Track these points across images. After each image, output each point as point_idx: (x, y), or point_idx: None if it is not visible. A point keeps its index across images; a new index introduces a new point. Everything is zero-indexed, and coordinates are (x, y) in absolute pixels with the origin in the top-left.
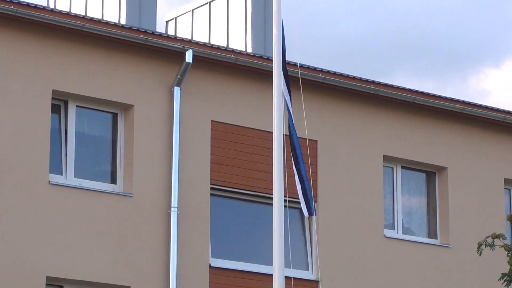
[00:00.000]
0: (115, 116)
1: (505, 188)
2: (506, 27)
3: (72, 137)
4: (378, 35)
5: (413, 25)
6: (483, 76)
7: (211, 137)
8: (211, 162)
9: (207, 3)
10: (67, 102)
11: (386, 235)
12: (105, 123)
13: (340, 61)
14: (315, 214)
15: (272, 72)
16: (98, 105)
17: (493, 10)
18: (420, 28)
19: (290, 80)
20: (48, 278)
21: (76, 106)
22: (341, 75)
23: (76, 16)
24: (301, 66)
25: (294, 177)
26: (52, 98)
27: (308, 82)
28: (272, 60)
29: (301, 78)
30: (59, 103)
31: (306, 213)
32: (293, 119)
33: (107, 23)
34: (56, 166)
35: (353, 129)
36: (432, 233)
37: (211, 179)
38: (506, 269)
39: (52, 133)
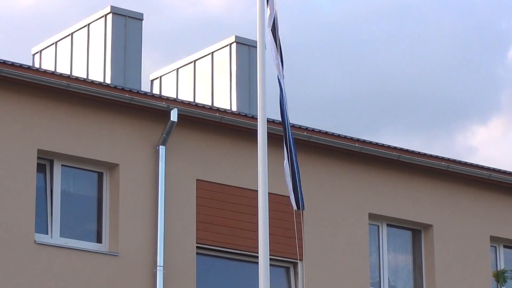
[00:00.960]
0: (100, 175)
1: (491, 246)
2: (493, 84)
3: (58, 196)
4: (366, 94)
5: (400, 83)
6: (470, 133)
7: (196, 196)
8: (196, 221)
9: (191, 62)
10: (53, 162)
11: None
12: (91, 182)
13: (328, 119)
14: (304, 209)
15: (257, 130)
16: (84, 165)
17: (479, 68)
18: (407, 85)
19: (275, 139)
20: None
21: (62, 165)
22: (326, 133)
23: (61, 76)
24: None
25: (284, 168)
26: (38, 158)
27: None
28: (256, 118)
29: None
30: (45, 163)
31: (294, 206)
32: (286, 103)
33: (92, 82)
34: (42, 225)
35: (339, 187)
36: None
37: (196, 238)
38: None
39: (37, 192)
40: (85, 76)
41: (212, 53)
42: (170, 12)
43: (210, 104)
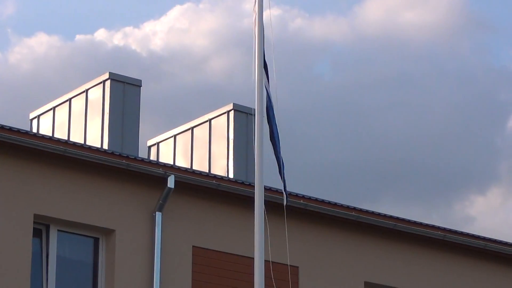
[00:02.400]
0: (96, 240)
1: None
2: (491, 154)
3: (53, 261)
4: (365, 162)
5: (399, 151)
6: (468, 203)
7: (192, 263)
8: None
9: (189, 128)
10: (49, 227)
11: None
12: (87, 248)
13: (327, 186)
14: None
15: (253, 198)
16: (80, 230)
17: (478, 138)
18: (406, 154)
19: (272, 207)
20: None
21: (58, 230)
22: (322, 201)
23: (58, 141)
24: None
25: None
26: (34, 222)
27: (290, 208)
28: (253, 186)
29: (278, 204)
30: (41, 227)
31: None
32: (270, 93)
33: (90, 148)
34: None
35: (335, 255)
36: None
37: None
38: None
39: (33, 257)
40: (82, 142)
41: (210, 120)
42: (170, 79)
43: (207, 171)
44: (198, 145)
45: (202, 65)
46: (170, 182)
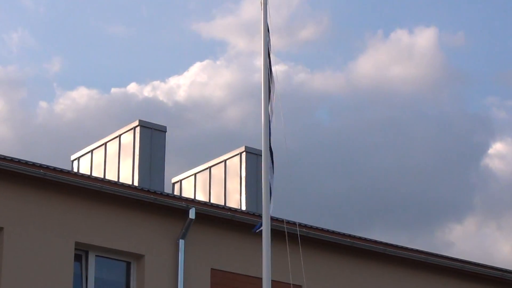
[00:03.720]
0: (128, 264)
1: None
2: (467, 188)
3: (92, 282)
4: (360, 195)
5: (388, 186)
6: (448, 230)
7: (210, 283)
8: None
9: (207, 168)
10: (88, 252)
11: None
12: (120, 271)
13: (327, 215)
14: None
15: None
16: (114, 255)
17: (456, 174)
18: (395, 188)
19: (277, 234)
20: None
21: (95, 255)
22: (322, 229)
23: (96, 179)
24: (287, 221)
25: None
26: (75, 249)
27: (292, 235)
28: (262, 217)
29: (287, 232)
30: (81, 253)
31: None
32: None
33: (122, 185)
34: None
35: (334, 277)
36: None
37: None
38: None
39: (74, 279)
40: (116, 179)
41: (225, 160)
42: (191, 125)
43: (223, 204)
44: (215, 182)
45: (219, 113)
46: (191, 214)
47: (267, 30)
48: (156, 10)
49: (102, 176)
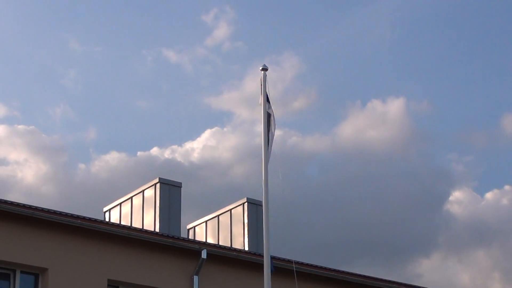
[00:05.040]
0: None
1: None
2: (432, 229)
3: None
4: (343, 237)
5: (368, 229)
6: (417, 264)
7: None
8: None
9: (216, 216)
10: (119, 287)
11: None
12: None
13: (316, 254)
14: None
15: (263, 264)
16: None
17: (423, 218)
18: (372, 230)
19: (276, 271)
20: None
21: None
22: (311, 265)
23: (124, 226)
24: (284, 259)
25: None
26: (108, 285)
27: (289, 271)
28: (263, 256)
29: (281, 268)
30: None
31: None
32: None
33: (146, 231)
34: None
35: None
36: None
37: None
38: None
39: None
40: (141, 227)
41: (231, 209)
42: (204, 181)
43: (229, 245)
44: (223, 228)
45: (227, 171)
46: (204, 254)
47: (266, 101)
48: (173, 87)
49: (129, 224)
